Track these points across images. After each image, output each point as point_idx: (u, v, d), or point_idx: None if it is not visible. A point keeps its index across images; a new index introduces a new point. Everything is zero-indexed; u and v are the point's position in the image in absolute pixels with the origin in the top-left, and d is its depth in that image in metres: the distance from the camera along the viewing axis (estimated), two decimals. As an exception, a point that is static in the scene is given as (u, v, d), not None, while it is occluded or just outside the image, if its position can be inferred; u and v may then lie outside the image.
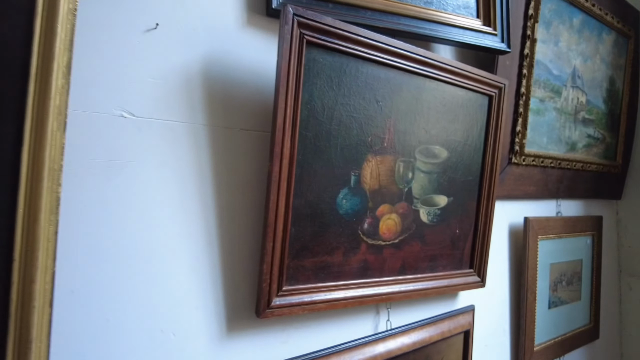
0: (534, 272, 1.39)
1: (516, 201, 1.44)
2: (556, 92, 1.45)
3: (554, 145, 1.47)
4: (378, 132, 0.92)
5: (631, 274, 1.93)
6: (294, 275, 0.84)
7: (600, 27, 1.60)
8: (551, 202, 1.59)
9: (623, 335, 1.95)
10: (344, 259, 0.91)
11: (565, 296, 1.58)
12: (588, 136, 1.64)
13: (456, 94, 1.06)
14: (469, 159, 1.11)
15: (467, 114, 1.09)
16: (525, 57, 1.29)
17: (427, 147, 1.02)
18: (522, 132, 1.31)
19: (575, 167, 1.58)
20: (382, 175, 0.95)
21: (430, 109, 1.01)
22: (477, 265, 1.17)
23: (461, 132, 1.09)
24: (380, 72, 0.91)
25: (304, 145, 0.82)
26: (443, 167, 1.06)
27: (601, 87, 1.67)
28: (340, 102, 0.86)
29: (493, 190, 1.16)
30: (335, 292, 0.89)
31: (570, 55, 1.48)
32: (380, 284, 0.97)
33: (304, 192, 0.83)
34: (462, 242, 1.13)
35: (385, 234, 0.97)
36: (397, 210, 0.98)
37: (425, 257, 1.06)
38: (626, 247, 1.95)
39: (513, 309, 1.41)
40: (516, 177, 1.35)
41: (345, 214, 0.90)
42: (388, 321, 1.03)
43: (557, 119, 1.47)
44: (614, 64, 1.72)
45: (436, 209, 1.06)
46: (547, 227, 1.44)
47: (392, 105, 0.94)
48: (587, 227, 1.66)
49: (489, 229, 1.17)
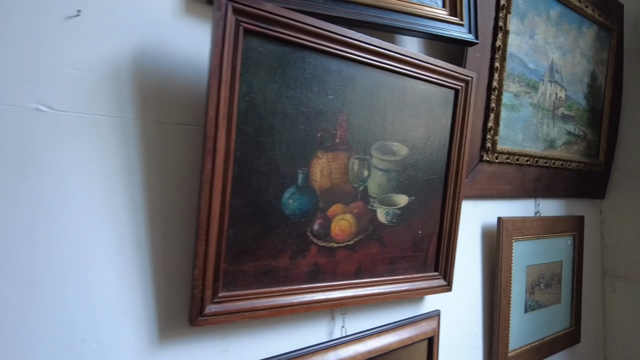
0: (508, 275, 1.35)
1: (490, 200, 1.39)
2: (532, 86, 1.40)
3: (531, 142, 1.42)
4: (329, 127, 0.88)
5: (615, 276, 1.89)
6: (233, 280, 0.80)
7: (580, 20, 1.56)
8: (529, 202, 1.55)
9: (607, 339, 1.91)
10: (291, 262, 0.86)
11: (543, 299, 1.54)
12: (568, 133, 1.59)
13: (417, 87, 1.01)
14: (432, 156, 1.07)
15: (430, 108, 1.04)
16: (497, 49, 1.24)
17: (384, 143, 0.97)
18: (494, 128, 1.27)
19: (554, 165, 1.54)
20: (334, 173, 0.90)
21: (388, 103, 0.96)
22: (442, 268, 1.12)
23: (423, 128, 1.04)
24: (331, 63, 0.86)
25: (242, 140, 0.77)
26: (403, 165, 1.01)
27: (582, 83, 1.62)
28: (285, 95, 0.81)
29: (459, 189, 1.11)
30: (281, 298, 0.85)
31: (547, 49, 1.44)
32: (332, 288, 0.92)
33: (243, 191, 0.78)
34: (425, 244, 1.09)
35: (338, 236, 0.92)
36: (351, 210, 0.94)
37: (384, 260, 1.01)
38: (610, 247, 1.91)
39: (486, 314, 1.36)
40: (489, 175, 1.31)
41: (293, 214, 0.85)
42: (343, 328, 0.98)
43: (533, 115, 1.42)
44: (596, 59, 1.67)
45: (395, 208, 1.01)
46: (522, 227, 1.40)
47: (344, 99, 0.89)
48: (567, 228, 1.62)
49: (455, 230, 1.12)
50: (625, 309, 1.86)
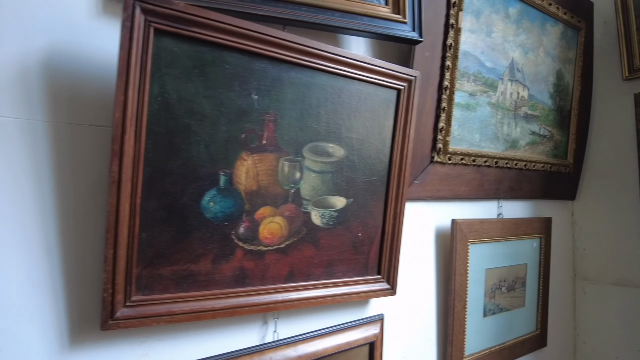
0: (463, 278, 1.34)
1: (446, 202, 1.39)
2: (490, 85, 1.39)
3: (489, 142, 1.42)
4: (254, 128, 0.87)
5: (586, 278, 1.88)
6: (149, 284, 0.79)
7: (543, 18, 1.55)
8: (491, 204, 1.54)
9: (577, 342, 1.90)
10: (213, 266, 0.86)
11: (505, 303, 1.53)
12: (532, 133, 1.59)
13: (354, 87, 1.01)
14: (372, 157, 1.06)
15: (368, 109, 1.04)
16: (448, 47, 1.24)
17: (318, 144, 0.97)
18: (445, 128, 1.26)
19: (517, 166, 1.53)
20: (261, 175, 0.90)
21: (321, 104, 0.96)
22: (385, 271, 1.12)
23: (362, 129, 1.04)
24: (254, 63, 0.86)
25: (155, 142, 0.77)
26: (339, 166, 1.01)
27: (547, 82, 1.61)
28: (203, 95, 0.81)
29: (402, 191, 1.11)
30: (202, 302, 0.84)
31: (507, 47, 1.43)
32: (261, 292, 0.92)
33: (156, 194, 0.78)
34: (366, 247, 1.08)
35: (267, 239, 0.92)
36: (282, 212, 0.93)
37: (320, 263, 1.01)
38: (581, 250, 1.90)
39: (440, 318, 1.36)
40: (441, 176, 1.30)
41: (214, 217, 0.85)
42: (275, 332, 0.98)
43: (492, 115, 1.41)
44: (562, 57, 1.67)
45: (332, 211, 1.01)
46: (480, 230, 1.39)
47: (271, 99, 0.89)
48: (532, 230, 1.61)
49: (399, 232, 1.12)
50: (595, 312, 1.85)
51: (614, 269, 1.80)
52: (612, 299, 1.80)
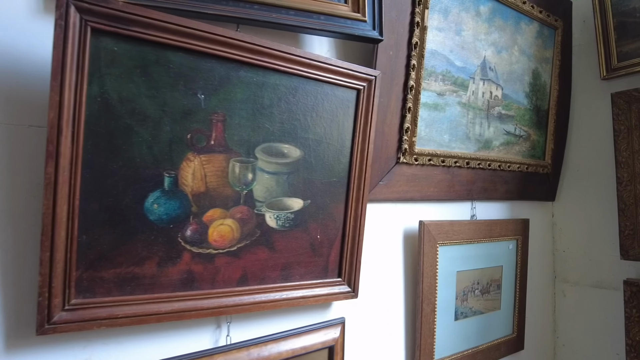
0: (431, 281, 1.34)
1: (415, 203, 1.38)
2: (460, 85, 1.39)
3: (460, 143, 1.42)
4: (201, 128, 0.87)
5: (566, 280, 1.88)
6: (90, 288, 0.79)
7: (517, 16, 1.55)
8: (465, 205, 1.54)
9: (557, 345, 1.90)
10: (159, 269, 0.85)
11: (479, 306, 1.53)
12: (507, 133, 1.58)
13: (309, 87, 1.00)
14: (331, 158, 1.06)
15: (326, 109, 1.04)
16: (414, 46, 1.23)
17: (271, 145, 0.96)
18: (411, 129, 1.26)
19: (490, 166, 1.53)
20: (209, 176, 0.89)
21: (274, 104, 0.96)
22: (346, 274, 1.12)
23: (320, 130, 1.03)
24: (201, 62, 0.86)
25: (95, 143, 0.77)
26: (295, 167, 1.00)
27: (522, 81, 1.61)
28: (145, 95, 0.81)
29: (363, 192, 1.10)
30: (146, 306, 0.84)
31: (478, 46, 1.43)
32: (211, 296, 0.91)
33: (97, 195, 0.78)
34: (326, 249, 1.08)
35: (217, 242, 0.91)
36: (233, 215, 0.93)
37: (276, 266, 1.00)
38: (561, 251, 1.90)
39: (409, 322, 1.35)
40: (408, 177, 1.30)
41: (159, 220, 0.84)
42: (228, 336, 0.97)
43: (462, 115, 1.41)
44: (538, 56, 1.67)
45: (288, 213, 1.00)
46: (450, 231, 1.39)
47: (219, 99, 0.89)
48: (507, 232, 1.61)
49: (360, 234, 1.12)
50: (575, 314, 1.85)
51: (594, 271, 1.80)
52: (592, 302, 1.79)
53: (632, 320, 1.59)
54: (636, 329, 1.58)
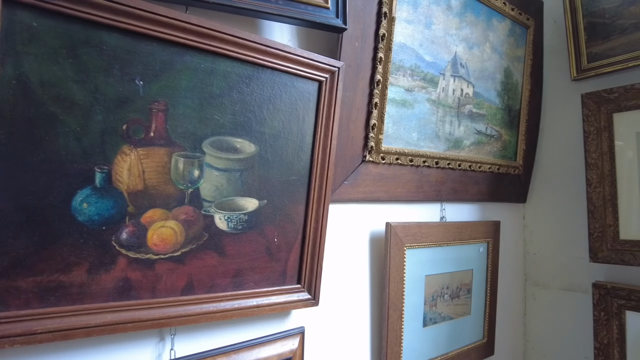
0: (399, 286, 1.28)
1: (383, 204, 1.33)
2: (430, 81, 1.34)
3: (429, 141, 1.37)
4: (139, 118, 0.79)
5: (536, 284, 1.87)
6: (3, 299, 0.69)
7: (489, 12, 1.52)
8: (435, 206, 1.50)
9: (527, 349, 1.88)
10: (89, 277, 0.76)
11: (448, 311, 1.49)
12: (478, 132, 1.55)
13: (267, 77, 0.93)
14: (290, 155, 0.99)
15: (285, 101, 0.97)
16: (381, 38, 1.18)
17: (222, 139, 0.89)
18: (378, 126, 1.20)
19: (461, 167, 1.49)
20: (149, 172, 0.81)
21: (225, 93, 0.88)
22: (306, 280, 1.05)
23: (277, 123, 0.96)
24: (140, 45, 0.77)
25: (9, 132, 0.68)
26: (249, 163, 0.93)
27: (494, 79, 1.58)
28: (73, 79, 0.72)
29: (326, 192, 1.04)
30: (73, 318, 0.75)
31: (449, 41, 1.39)
32: (151, 305, 0.83)
33: (12, 193, 0.68)
34: (284, 253, 1.01)
35: (157, 246, 0.83)
36: (176, 216, 0.85)
37: (227, 272, 0.92)
38: (532, 254, 1.88)
39: (375, 330, 1.30)
40: (375, 177, 1.24)
41: (89, 221, 0.75)
42: (172, 350, 0.89)
43: (432, 112, 1.37)
44: (510, 55, 1.64)
45: (241, 214, 0.93)
46: (418, 234, 1.34)
47: (161, 86, 0.80)
48: (478, 234, 1.57)
49: (322, 237, 1.05)
50: (545, 317, 1.84)
51: (564, 274, 1.79)
52: (562, 305, 1.79)
53: (600, 323, 1.58)
54: (604, 332, 1.57)
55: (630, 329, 1.53)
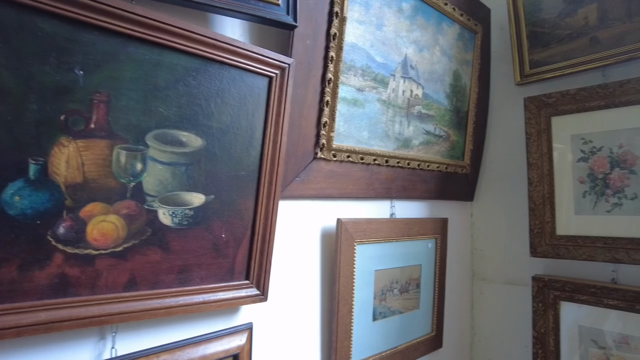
0: (349, 281, 1.31)
1: (334, 201, 1.35)
2: (381, 81, 1.38)
3: (379, 140, 1.41)
4: (79, 108, 0.76)
5: (483, 279, 1.96)
6: None
7: (439, 17, 1.58)
8: (385, 203, 1.54)
9: (473, 342, 1.97)
10: (21, 274, 0.73)
11: (397, 305, 1.53)
12: (426, 133, 1.61)
13: (215, 70, 0.93)
14: (239, 150, 0.99)
15: (233, 96, 0.96)
16: (332, 37, 1.20)
17: (167, 132, 0.87)
18: (329, 123, 1.22)
19: (410, 165, 1.54)
20: (88, 165, 0.78)
21: (170, 86, 0.87)
22: (255, 276, 1.05)
23: (226, 117, 0.96)
24: (80, 33, 0.75)
25: None
26: (195, 158, 0.92)
27: (443, 81, 1.65)
28: (3, 65, 0.68)
29: (275, 188, 1.04)
30: (2, 318, 0.71)
31: (399, 43, 1.43)
32: (90, 303, 0.80)
33: None
34: (232, 249, 1.00)
35: (97, 241, 0.80)
36: (118, 210, 0.83)
37: (171, 268, 0.91)
38: (479, 250, 1.97)
39: (325, 324, 1.31)
40: (326, 174, 1.26)
41: (21, 215, 0.72)
42: (113, 349, 0.86)
43: (382, 112, 1.40)
44: (459, 58, 1.71)
45: (186, 209, 0.92)
46: (368, 230, 1.37)
47: (103, 76, 0.78)
48: (427, 230, 1.63)
49: (271, 233, 1.05)
50: (491, 310, 1.93)
51: (507, 269, 1.89)
52: (505, 298, 1.88)
53: (538, 314, 1.68)
54: (541, 322, 1.67)
55: (564, 318, 1.63)
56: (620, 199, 1.55)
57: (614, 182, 1.57)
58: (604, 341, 1.56)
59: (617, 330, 1.52)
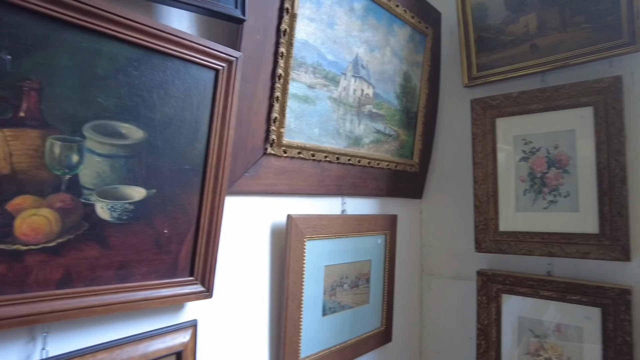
0: (298, 277, 1.32)
1: (284, 197, 1.35)
2: (332, 80, 1.40)
3: (330, 138, 1.42)
4: (6, 95, 0.72)
5: (431, 274, 2.02)
6: None
7: (390, 18, 1.62)
8: (336, 200, 1.56)
9: (423, 335, 2.03)
10: (-62, 270, 0.68)
11: (347, 300, 1.55)
12: (377, 132, 1.64)
13: (159, 61, 0.90)
14: (183, 143, 0.97)
15: (178, 88, 0.94)
16: (282, 33, 1.20)
17: (106, 123, 0.84)
18: (279, 119, 1.22)
19: (360, 163, 1.56)
20: (18, 155, 0.74)
21: (109, 76, 0.84)
22: (199, 273, 1.03)
23: (169, 110, 0.94)
24: (7, 16, 0.71)
25: None
26: (136, 150, 0.89)
27: (393, 82, 1.69)
28: None
29: (222, 183, 1.03)
30: None
31: (350, 42, 1.45)
32: (18, 301, 0.76)
33: None
34: (175, 245, 0.98)
35: (27, 236, 0.76)
36: (51, 203, 0.79)
37: (110, 265, 0.88)
38: (427, 246, 2.04)
39: (273, 321, 1.31)
40: (277, 170, 1.26)
41: (-61, 207, 0.67)
42: (44, 350, 0.82)
43: (333, 110, 1.42)
44: (410, 60, 1.76)
45: (126, 203, 0.89)
46: (319, 226, 1.38)
47: (34, 63, 0.74)
48: (376, 227, 1.67)
49: (217, 228, 1.04)
50: (439, 304, 2.00)
51: (454, 264, 1.96)
52: (452, 292, 1.95)
53: (482, 306, 1.76)
54: (485, 314, 1.75)
55: (505, 310, 1.72)
56: (555, 197, 1.65)
57: (550, 181, 1.67)
58: (540, 330, 1.65)
59: (551, 319, 1.62)
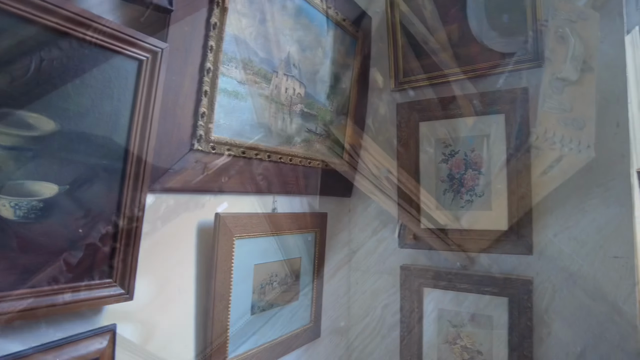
0: (226, 276, 1.28)
1: (213, 195, 1.31)
2: (263, 77, 1.38)
3: (262, 135, 1.40)
4: None
5: (357, 269, 2.08)
6: None
7: (322, 19, 1.63)
8: (267, 198, 1.54)
9: (350, 329, 2.08)
10: None
11: (277, 299, 1.55)
12: (308, 131, 1.65)
13: (74, 48, 0.83)
14: (100, 137, 0.90)
15: (96, 78, 0.88)
16: (212, 26, 1.16)
17: (10, 112, 0.76)
18: (208, 114, 1.18)
19: (292, 161, 1.56)
20: None
21: (15, 60, 0.75)
22: (119, 274, 0.97)
23: (86, 100, 0.87)
24: None
25: None
26: (46, 143, 0.81)
27: (324, 83, 1.71)
28: None
29: (143, 179, 0.98)
30: None
31: (282, 40, 1.44)
32: None
33: None
34: (90, 246, 0.91)
35: None
36: (-61, 200, 0.69)
37: (13, 268, 0.79)
38: (355, 243, 2.09)
39: (200, 322, 1.27)
40: (205, 167, 1.22)
41: None
42: None
43: (265, 107, 1.40)
44: (341, 62, 1.79)
45: (34, 200, 0.81)
46: (249, 224, 1.36)
47: None
48: (307, 224, 1.68)
49: (138, 227, 0.98)
50: (365, 299, 2.06)
51: (380, 260, 2.03)
52: (378, 287, 2.02)
53: (405, 299, 1.84)
54: (407, 307, 1.83)
55: (427, 303, 1.81)
56: (471, 196, 1.77)
57: (467, 182, 1.79)
58: (457, 320, 1.76)
59: (466, 309, 1.74)
